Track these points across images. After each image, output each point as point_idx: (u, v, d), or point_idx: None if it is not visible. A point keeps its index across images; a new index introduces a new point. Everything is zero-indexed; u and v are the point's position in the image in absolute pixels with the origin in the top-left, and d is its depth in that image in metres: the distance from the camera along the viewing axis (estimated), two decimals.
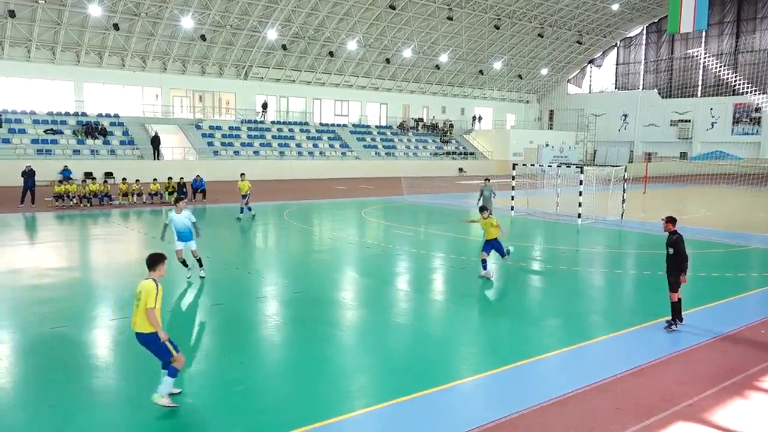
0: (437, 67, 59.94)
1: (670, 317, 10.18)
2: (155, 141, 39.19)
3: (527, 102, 73.10)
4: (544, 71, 68.34)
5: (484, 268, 13.85)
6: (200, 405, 7.28)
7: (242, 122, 49.70)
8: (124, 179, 29.16)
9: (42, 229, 21.39)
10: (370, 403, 7.32)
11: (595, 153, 68.07)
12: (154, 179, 29.67)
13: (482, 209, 14.60)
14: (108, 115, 43.50)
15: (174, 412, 6.99)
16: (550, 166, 32.00)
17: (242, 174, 24.29)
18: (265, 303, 11.97)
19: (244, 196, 23.44)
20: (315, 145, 51.00)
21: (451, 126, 62.99)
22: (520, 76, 67.81)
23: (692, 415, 7.09)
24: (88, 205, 26.83)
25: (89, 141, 40.25)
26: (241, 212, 23.59)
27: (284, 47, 49.69)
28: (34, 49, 40.84)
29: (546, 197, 28.19)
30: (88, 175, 34.46)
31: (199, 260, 13.67)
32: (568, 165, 31.37)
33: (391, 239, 20.06)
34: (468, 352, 9.39)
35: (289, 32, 48.74)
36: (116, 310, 11.26)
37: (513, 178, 26.87)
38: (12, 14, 37.97)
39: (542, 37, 61.10)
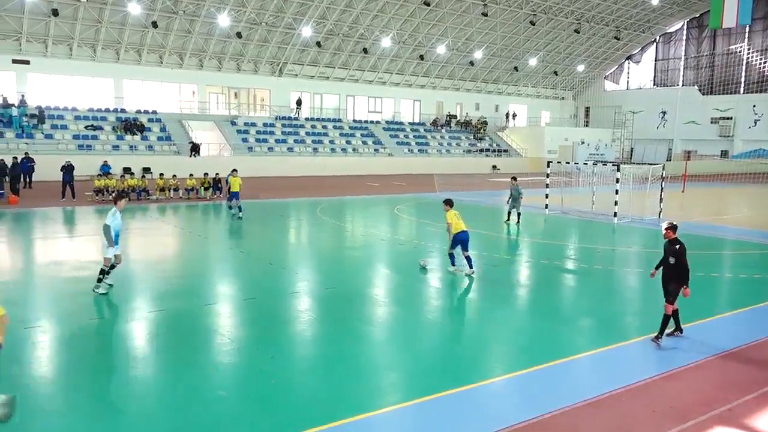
0: (471, 63, 59.53)
1: (672, 329, 9.51)
2: (194, 148, 39.45)
3: (563, 99, 72.11)
4: (581, 67, 67.29)
5: (452, 263, 14.00)
6: (233, 398, 7.39)
7: (276, 119, 50.15)
8: (161, 174, 29.71)
9: (82, 222, 21.94)
10: (400, 400, 7.34)
11: (632, 151, 66.80)
12: (191, 175, 30.15)
13: (446, 201, 14.21)
14: (146, 112, 44.36)
15: (206, 407, 7.09)
16: (586, 163, 31.53)
17: (234, 170, 23.81)
18: (298, 298, 12.08)
19: (235, 194, 22.65)
20: (348, 142, 51.19)
21: (485, 123, 62.53)
22: (555, 73, 66.92)
23: (731, 420, 6.92)
24: (127, 199, 27.37)
25: (128, 137, 41.12)
26: (240, 210, 22.63)
27: (318, 44, 49.96)
28: (75, 47, 41.87)
29: (581, 196, 27.78)
30: (127, 170, 35.21)
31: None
32: (605, 163, 30.88)
33: (424, 236, 20.03)
34: (499, 351, 9.33)
35: (323, 29, 48.97)
36: (153, 303, 11.50)
37: (547, 176, 26.56)
38: (55, 13, 38.99)
39: (579, 32, 60.16)
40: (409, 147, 54.28)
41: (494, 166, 56.13)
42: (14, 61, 40.22)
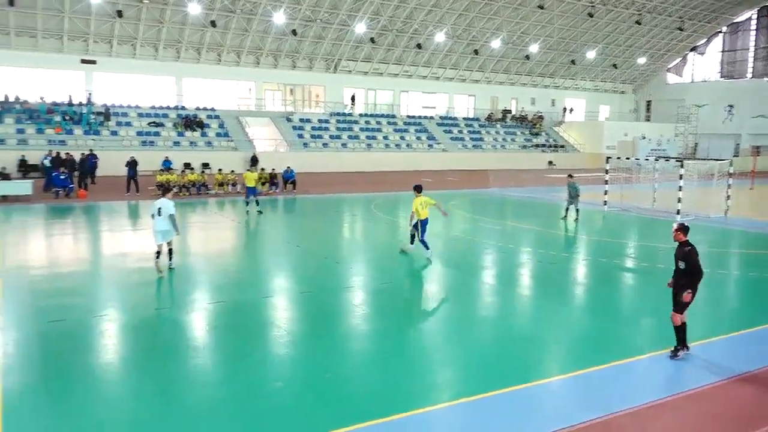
0: (527, 57, 58.51)
1: (676, 345, 8.62)
2: (254, 160, 39.52)
3: (622, 92, 70.04)
4: (642, 60, 65.16)
5: (426, 247, 14.60)
6: (289, 390, 7.51)
7: (331, 115, 50.60)
8: (220, 170, 30.42)
9: (145, 215, 22.69)
10: (455, 397, 7.29)
11: (696, 146, 64.32)
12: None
13: (415, 188, 15.08)
14: (205, 109, 45.50)
15: (263, 397, 7.23)
16: (647, 159, 30.56)
17: (252, 166, 24.19)
18: (352, 293, 12.17)
19: (252, 188, 22.67)
20: (402, 138, 51.18)
21: (541, 118, 61.39)
22: (615, 66, 65.03)
23: None
24: (187, 194, 28.21)
25: (188, 133, 42.28)
26: (257, 204, 22.70)
27: (372, 40, 50.10)
28: (139, 46, 43.32)
29: (642, 192, 26.96)
30: (187, 165, 36.20)
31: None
32: (667, 158, 29.85)
33: (478, 232, 19.85)
34: (557, 350, 9.16)
35: (377, 25, 49.06)
36: (212, 295, 11.80)
37: (606, 172, 25.88)
38: (120, 14, 40.44)
39: (640, 24, 58.22)
40: (463, 142, 53.86)
41: (550, 162, 55.08)
42: (82, 61, 41.95)
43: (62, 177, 26.92)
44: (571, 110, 64.02)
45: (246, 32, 45.68)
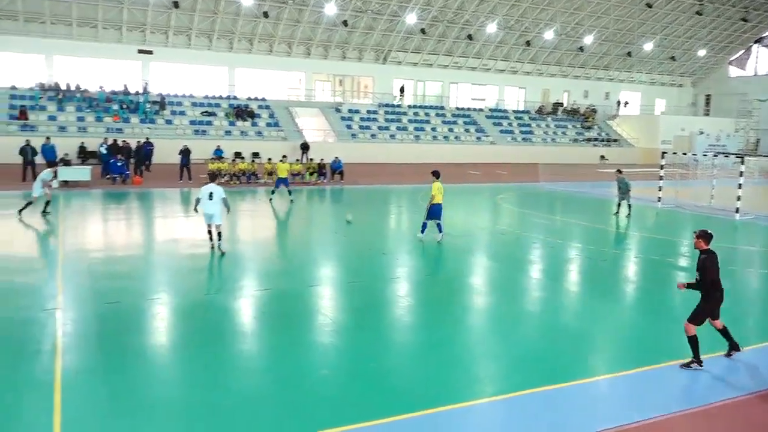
0: (581, 49, 57.15)
1: (690, 360, 8.00)
2: (305, 146, 40.00)
3: (680, 86, 67.69)
4: (702, 52, 62.76)
5: (422, 231, 15.73)
6: (335, 378, 7.58)
7: (379, 106, 50.63)
8: (269, 159, 30.84)
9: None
10: (499, 392, 7.23)
11: (758, 142, 61.64)
12: (297, 159, 31.12)
13: (434, 173, 15.80)
14: (256, 99, 46.19)
15: (310, 384, 7.31)
16: (705, 155, 29.52)
17: (284, 156, 25.40)
18: (398, 283, 12.19)
19: (283, 179, 23.25)
20: (450, 130, 50.83)
21: (594, 111, 59.94)
22: (673, 58, 62.87)
23: None
24: (238, 182, 28.74)
25: (239, 123, 43.02)
26: (289, 194, 23.38)
27: (423, 31, 49.82)
28: (193, 37, 44.27)
29: (698, 189, 26.08)
30: (238, 154, 36.86)
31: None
32: (726, 155, 28.77)
33: (526, 226, 19.58)
34: (605, 348, 8.98)
35: (428, 16, 48.74)
36: (260, 282, 12.01)
37: (661, 167, 25.11)
38: (176, 5, 41.38)
39: (701, 14, 56.06)
40: (512, 135, 53.13)
41: (602, 156, 53.79)
42: (139, 51, 43.15)
43: (119, 164, 27.80)
44: (626, 104, 62.27)
45: (297, 23, 46.08)
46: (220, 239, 13.87)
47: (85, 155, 34.20)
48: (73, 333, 8.67)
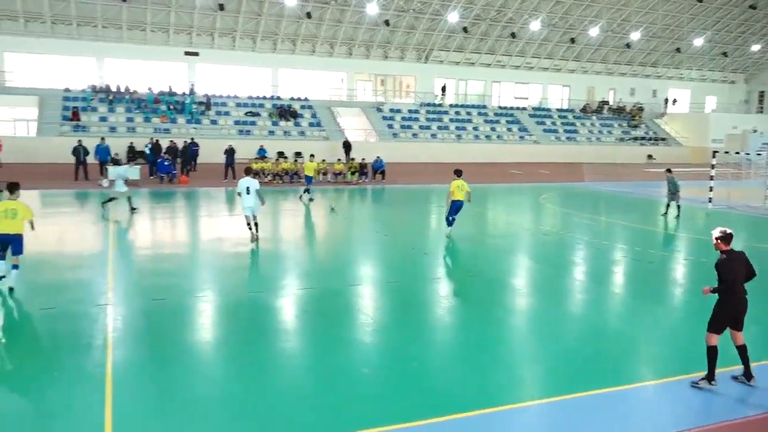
0: (627, 45, 55.84)
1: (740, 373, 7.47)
2: (347, 146, 40.02)
3: (732, 82, 65.48)
4: (756, 47, 60.52)
5: (449, 224, 16.15)
6: (377, 376, 7.60)
7: (421, 105, 50.55)
8: (295, 159, 31.06)
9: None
10: (542, 395, 7.12)
11: None
12: (338, 159, 31.31)
13: (455, 171, 16.21)
14: (299, 99, 46.68)
15: (351, 383, 7.34)
16: (759, 154, 28.50)
17: (311, 155, 25.50)
18: (440, 284, 12.14)
19: (310, 178, 23.25)
20: (492, 129, 50.38)
21: (641, 109, 58.52)
22: (725, 54, 60.85)
23: None
24: (280, 181, 29.10)
25: (282, 123, 43.55)
26: (310, 192, 23.17)
27: (465, 30, 49.49)
28: (238, 38, 45.02)
29: (752, 190, 25.18)
30: (281, 154, 37.30)
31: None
32: None
33: (570, 227, 19.26)
34: (651, 354, 8.74)
35: (470, 14, 48.41)
36: (302, 281, 12.13)
37: (712, 167, 24.35)
38: (221, 7, 42.14)
39: (755, 8, 54.09)
40: (556, 134, 52.32)
41: (650, 156, 52.48)
42: (186, 53, 44.14)
43: (166, 163, 28.49)
44: (675, 101, 60.60)
45: (340, 23, 46.37)
46: (257, 229, 15.00)
47: (133, 155, 35.15)
48: (122, 328, 8.92)
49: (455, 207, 15.88)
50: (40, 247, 13.67)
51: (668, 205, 21.05)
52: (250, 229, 14.93)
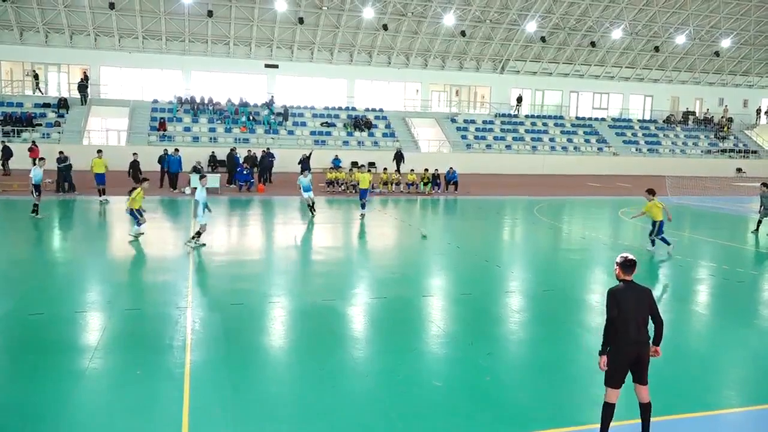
0: (716, 53, 53.30)
1: None
2: (399, 156, 38.99)
3: None
4: None
5: (666, 243, 16.04)
6: (449, 388, 7.51)
7: (496, 116, 50.03)
8: (384, 169, 31.38)
9: (317, 211, 24.07)
10: (617, 417, 6.83)
11: None
12: (411, 170, 31.38)
13: (648, 191, 16.34)
14: (373, 110, 47.22)
15: (422, 394, 7.31)
16: None
17: (371, 164, 24.51)
18: (513, 297, 11.91)
19: (365, 190, 22.09)
20: (569, 140, 49.20)
21: (730, 120, 55.62)
22: None
23: None
24: (354, 191, 29.43)
25: (356, 133, 44.16)
26: (362, 207, 22.06)
27: (543, 39, 48.68)
28: (316, 51, 46.10)
29: None
30: (355, 164, 37.82)
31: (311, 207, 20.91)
32: None
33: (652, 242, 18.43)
34: (737, 377, 8.23)
35: (548, 24, 47.60)
36: (374, 290, 12.20)
37: None
38: (301, 21, 43.34)
39: None
40: (637, 146, 50.49)
41: (739, 169, 49.75)
42: (266, 66, 45.61)
43: (245, 172, 29.44)
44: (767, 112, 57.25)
45: (416, 35, 46.65)
46: (314, 210, 20.78)
47: (215, 164, 36.55)
48: (201, 330, 9.24)
49: (659, 226, 16.07)
50: (127, 251, 14.38)
51: (760, 222, 19.86)
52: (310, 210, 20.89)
